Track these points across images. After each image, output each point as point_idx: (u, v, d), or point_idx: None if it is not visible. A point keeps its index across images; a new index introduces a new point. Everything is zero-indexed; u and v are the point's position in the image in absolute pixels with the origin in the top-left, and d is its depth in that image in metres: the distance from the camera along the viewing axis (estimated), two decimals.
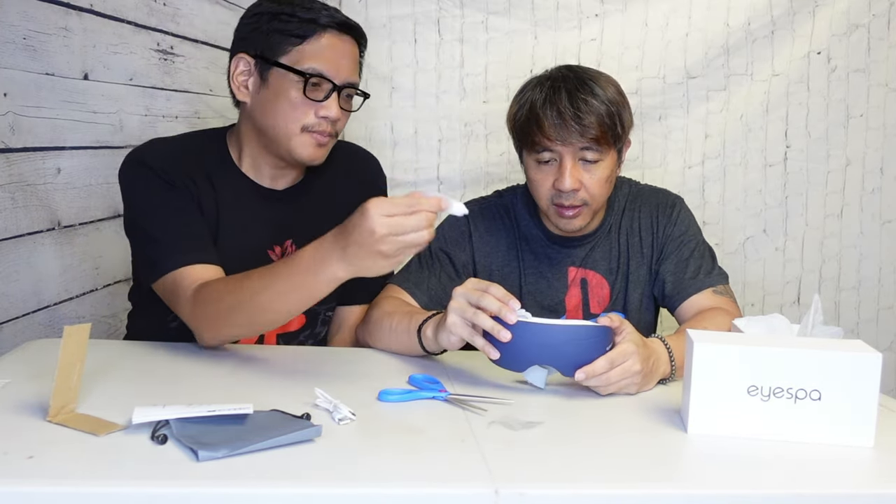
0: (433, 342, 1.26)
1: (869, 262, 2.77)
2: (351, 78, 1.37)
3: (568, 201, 1.43)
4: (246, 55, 1.37)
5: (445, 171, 2.72)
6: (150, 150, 1.39)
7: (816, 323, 1.21)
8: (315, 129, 1.35)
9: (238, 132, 1.44)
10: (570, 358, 1.14)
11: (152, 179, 1.34)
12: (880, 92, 2.70)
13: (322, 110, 1.34)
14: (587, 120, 1.37)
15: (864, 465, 0.96)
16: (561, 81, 1.42)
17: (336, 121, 1.37)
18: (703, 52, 2.65)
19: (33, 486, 0.80)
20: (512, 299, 1.15)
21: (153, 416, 0.91)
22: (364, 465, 0.89)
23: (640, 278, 1.55)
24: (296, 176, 1.48)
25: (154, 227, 1.33)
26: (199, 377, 1.19)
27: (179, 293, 1.28)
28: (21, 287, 1.45)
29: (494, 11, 2.66)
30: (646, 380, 1.18)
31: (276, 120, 1.35)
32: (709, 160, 2.72)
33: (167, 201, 1.35)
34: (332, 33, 1.35)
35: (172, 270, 1.29)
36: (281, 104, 1.34)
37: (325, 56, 1.33)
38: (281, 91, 1.34)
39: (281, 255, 1.45)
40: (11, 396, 1.03)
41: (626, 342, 1.16)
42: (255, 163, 1.43)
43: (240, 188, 1.43)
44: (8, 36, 1.39)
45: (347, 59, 1.37)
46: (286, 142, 1.36)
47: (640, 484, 0.88)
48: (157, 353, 1.31)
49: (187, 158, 1.39)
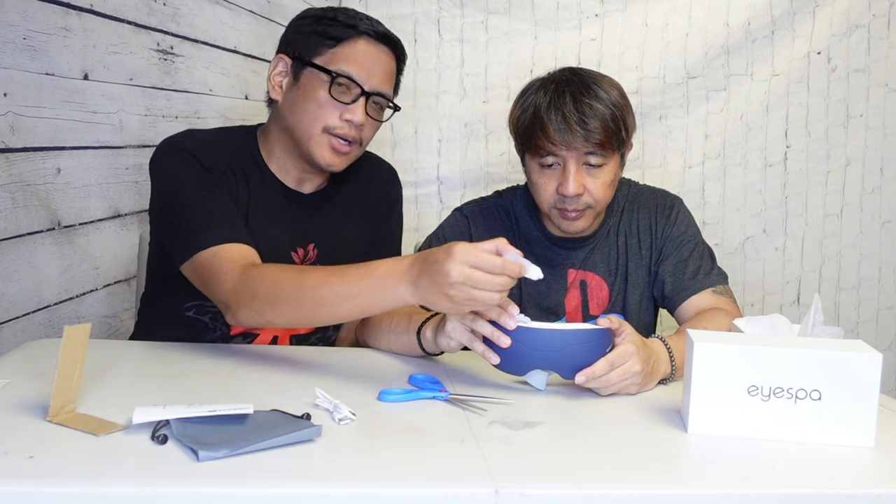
0: (432, 343, 1.26)
1: (869, 262, 2.77)
2: (382, 87, 1.38)
3: (571, 205, 1.43)
4: (285, 56, 1.39)
5: (445, 171, 2.73)
6: (189, 138, 1.40)
7: (816, 323, 1.21)
8: (336, 132, 1.36)
9: (268, 131, 1.45)
10: (570, 361, 1.14)
11: (191, 162, 1.35)
12: (880, 92, 2.70)
13: (347, 113, 1.35)
14: (592, 125, 1.37)
15: (864, 465, 0.96)
16: (565, 85, 1.41)
17: (361, 126, 1.37)
18: (703, 52, 2.66)
19: (33, 486, 0.80)
20: (511, 305, 1.14)
21: (153, 416, 0.91)
22: (364, 465, 0.89)
23: (639, 279, 1.55)
24: (321, 182, 1.49)
25: (193, 205, 1.33)
26: (199, 377, 1.19)
27: (221, 268, 1.26)
28: (21, 287, 1.45)
29: (494, 11, 2.66)
30: (646, 380, 1.18)
31: (300, 117, 1.37)
32: (709, 160, 2.72)
33: (206, 183, 1.35)
34: (369, 40, 1.37)
35: (214, 245, 1.28)
36: (308, 103, 1.35)
37: (357, 60, 1.35)
38: (310, 90, 1.35)
39: (303, 257, 1.46)
40: (11, 396, 1.03)
41: (626, 343, 1.16)
42: (282, 164, 1.44)
43: (268, 187, 1.43)
44: (8, 36, 1.39)
45: (380, 67, 1.38)
46: (307, 141, 1.37)
47: (640, 484, 0.88)
48: (158, 353, 1.31)
49: (223, 151, 1.40)
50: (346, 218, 1.52)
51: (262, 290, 1.21)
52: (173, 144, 1.38)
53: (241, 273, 1.24)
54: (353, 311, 1.18)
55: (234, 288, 1.24)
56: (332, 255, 1.48)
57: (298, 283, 1.18)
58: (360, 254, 1.50)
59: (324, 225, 1.48)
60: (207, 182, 1.35)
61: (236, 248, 1.28)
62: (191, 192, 1.34)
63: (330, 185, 1.50)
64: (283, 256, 1.42)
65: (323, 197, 1.49)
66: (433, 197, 2.71)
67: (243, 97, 2.34)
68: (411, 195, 2.64)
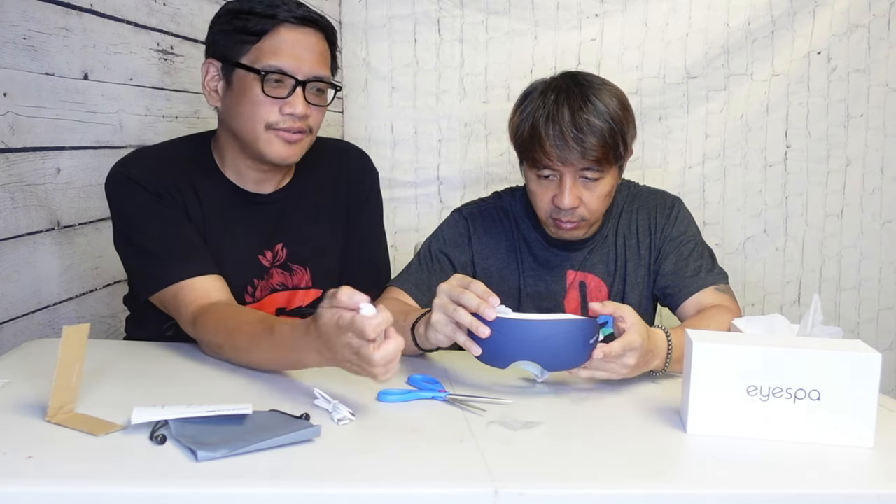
0: (425, 339, 1.25)
1: (869, 262, 2.77)
2: (316, 71, 1.33)
3: (566, 217, 1.43)
4: (213, 60, 1.35)
5: (445, 171, 2.73)
6: (134, 162, 1.38)
7: (816, 323, 1.21)
8: (281, 127, 1.32)
9: (218, 138, 1.43)
10: (552, 352, 1.13)
11: (138, 192, 1.33)
12: (880, 92, 2.70)
13: (287, 107, 1.31)
14: (589, 142, 1.36)
15: (863, 465, 0.96)
16: (564, 96, 1.40)
17: (305, 116, 1.33)
18: (703, 52, 2.66)
19: (32, 486, 0.80)
20: (492, 296, 1.14)
21: (152, 417, 0.91)
22: (363, 465, 0.89)
23: (639, 280, 1.55)
24: (281, 179, 1.46)
25: (147, 241, 1.32)
26: (198, 377, 1.19)
27: (181, 309, 1.28)
28: (21, 287, 1.45)
29: (494, 11, 2.66)
30: (631, 372, 1.19)
31: (242, 121, 1.33)
32: (709, 160, 2.72)
33: (156, 213, 1.33)
34: (290, 27, 1.31)
35: (172, 284, 1.29)
36: (245, 105, 1.32)
37: (283, 51, 1.30)
38: (243, 91, 1.32)
39: (272, 259, 1.44)
40: (11, 396, 1.03)
41: (632, 334, 1.16)
42: (237, 168, 1.41)
43: (225, 194, 1.41)
44: (8, 36, 1.39)
45: (310, 52, 1.33)
46: (254, 142, 1.34)
47: (639, 484, 0.88)
48: (157, 353, 1.31)
49: (171, 167, 1.37)
50: (315, 213, 1.49)
51: (207, 339, 1.25)
52: (118, 172, 1.36)
53: (193, 320, 1.26)
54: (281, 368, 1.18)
55: (192, 332, 1.28)
56: (303, 252, 1.46)
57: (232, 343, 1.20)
58: (337, 246, 1.49)
59: (290, 223, 1.45)
60: (158, 211, 1.33)
61: (194, 284, 1.29)
62: (144, 224, 1.33)
63: (293, 182, 1.47)
64: (249, 261, 1.41)
65: (286, 194, 1.46)
66: (433, 197, 2.71)
67: None
68: (411, 195, 2.64)
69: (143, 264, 1.34)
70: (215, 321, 1.24)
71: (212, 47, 1.37)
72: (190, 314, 1.26)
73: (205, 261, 1.33)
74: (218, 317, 1.25)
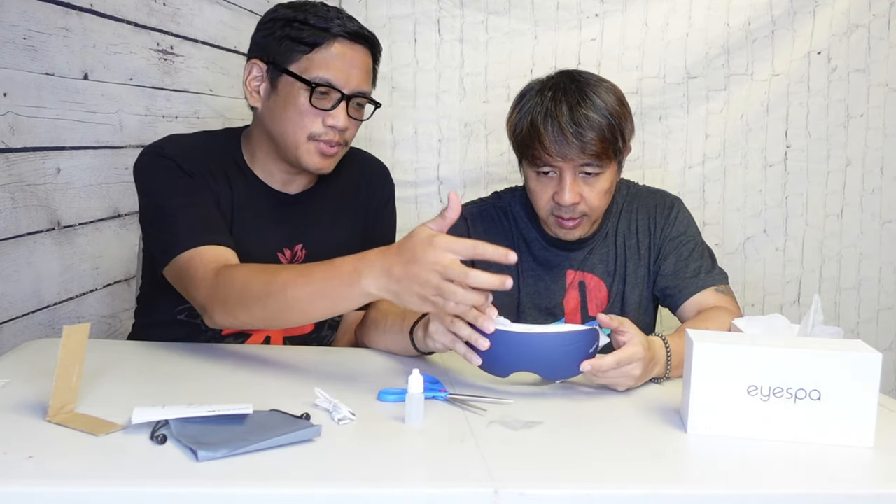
0: (423, 343, 1.26)
1: (869, 262, 2.76)
2: (361, 87, 1.37)
3: (567, 214, 1.43)
4: (259, 61, 1.37)
5: (445, 171, 2.72)
6: (170, 144, 1.40)
7: (816, 323, 1.21)
8: (322, 138, 1.35)
9: (251, 136, 1.45)
10: (551, 364, 1.14)
11: (172, 168, 1.35)
12: (880, 92, 2.70)
13: (329, 119, 1.34)
14: (588, 136, 1.37)
15: (864, 465, 0.96)
16: (562, 93, 1.40)
17: (344, 130, 1.36)
18: (703, 52, 2.65)
19: (32, 486, 0.80)
20: (490, 308, 1.12)
21: (153, 417, 0.91)
22: (364, 465, 0.89)
23: (639, 280, 1.55)
24: (308, 181, 1.48)
25: (172, 210, 1.33)
26: (198, 377, 1.19)
27: (196, 272, 1.26)
28: (21, 287, 1.45)
29: (494, 11, 2.66)
30: (637, 382, 1.19)
31: (284, 127, 1.36)
32: (709, 160, 2.72)
33: (186, 188, 1.34)
34: (343, 42, 1.35)
35: (189, 249, 1.28)
36: (289, 112, 1.34)
37: (334, 65, 1.33)
38: (289, 99, 1.34)
39: (290, 258, 1.45)
40: (11, 396, 1.03)
41: (635, 346, 1.16)
42: (266, 167, 1.44)
43: (253, 190, 1.43)
44: (8, 36, 1.39)
45: (358, 68, 1.36)
46: (294, 150, 1.37)
47: (639, 484, 0.88)
48: (157, 353, 1.31)
49: (205, 155, 1.40)
50: (336, 217, 1.51)
51: (233, 293, 1.21)
52: (154, 151, 1.38)
53: (214, 276, 1.24)
54: (322, 311, 1.18)
55: (208, 291, 1.24)
56: (321, 254, 1.46)
57: (267, 286, 1.18)
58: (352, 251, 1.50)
59: (311, 225, 1.47)
60: (188, 187, 1.34)
61: (212, 251, 1.28)
62: (171, 198, 1.33)
63: (318, 185, 1.49)
64: (269, 258, 1.41)
65: (310, 197, 1.48)
66: (433, 197, 2.71)
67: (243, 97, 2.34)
68: (411, 195, 2.64)
69: (164, 231, 1.33)
70: (248, 267, 1.24)
71: (258, 49, 1.38)
72: (211, 270, 1.24)
73: (224, 235, 1.33)
74: (249, 266, 1.25)
